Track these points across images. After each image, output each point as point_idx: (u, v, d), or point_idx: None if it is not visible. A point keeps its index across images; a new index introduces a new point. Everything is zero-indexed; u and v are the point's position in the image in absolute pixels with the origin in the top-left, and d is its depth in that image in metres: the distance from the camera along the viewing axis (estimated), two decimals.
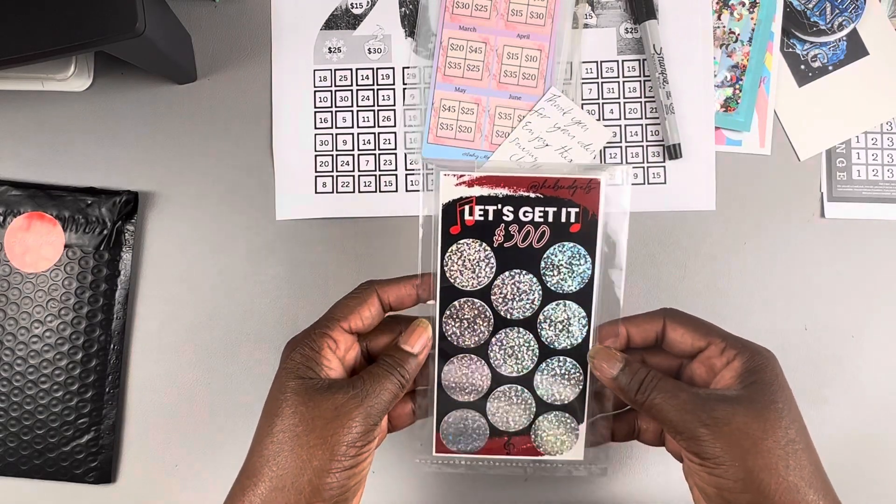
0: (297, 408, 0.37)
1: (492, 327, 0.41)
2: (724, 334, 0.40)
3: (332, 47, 0.54)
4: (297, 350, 0.39)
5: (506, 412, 0.42)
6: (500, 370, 0.41)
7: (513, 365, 0.41)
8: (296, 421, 0.36)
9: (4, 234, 0.52)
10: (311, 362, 0.38)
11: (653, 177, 0.53)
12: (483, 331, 0.41)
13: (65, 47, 0.40)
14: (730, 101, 0.53)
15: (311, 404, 0.37)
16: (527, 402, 0.41)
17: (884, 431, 0.53)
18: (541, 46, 0.53)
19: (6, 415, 0.52)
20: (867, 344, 0.53)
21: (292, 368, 0.38)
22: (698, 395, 0.37)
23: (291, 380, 0.38)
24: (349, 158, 0.54)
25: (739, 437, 0.35)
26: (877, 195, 0.54)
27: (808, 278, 0.53)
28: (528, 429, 0.42)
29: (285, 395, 0.37)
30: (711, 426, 0.35)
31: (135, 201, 0.53)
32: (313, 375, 0.38)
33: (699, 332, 0.40)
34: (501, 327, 0.41)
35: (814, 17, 0.53)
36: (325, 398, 0.37)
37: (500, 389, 0.41)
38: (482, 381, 0.41)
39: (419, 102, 0.54)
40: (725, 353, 0.39)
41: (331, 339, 0.39)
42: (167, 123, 0.54)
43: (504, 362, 0.41)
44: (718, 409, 0.36)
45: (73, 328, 0.52)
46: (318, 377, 0.38)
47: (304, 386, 0.37)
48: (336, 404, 0.37)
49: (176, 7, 0.51)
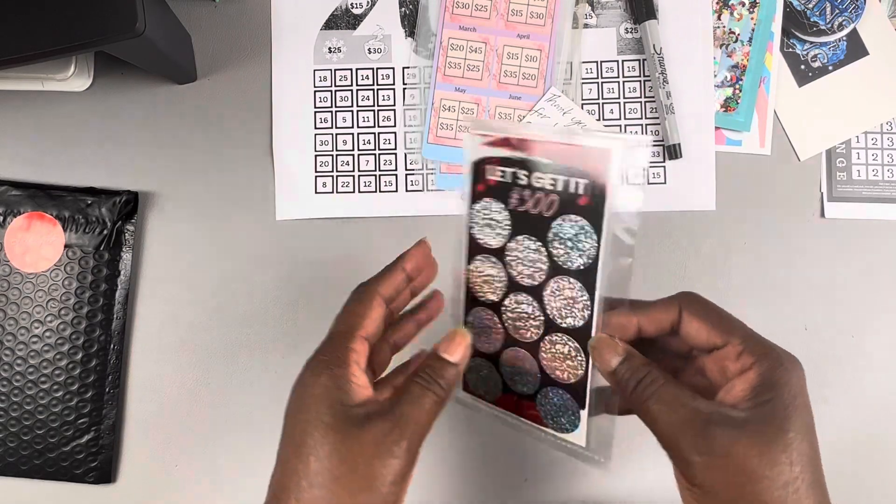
0: (335, 446, 0.33)
1: (505, 288, 0.40)
2: (746, 334, 0.35)
3: (332, 47, 0.54)
4: (324, 371, 0.35)
5: (513, 373, 0.42)
6: (511, 332, 0.41)
7: (521, 331, 0.41)
8: (335, 462, 0.32)
9: (4, 234, 0.52)
10: (343, 382, 0.34)
11: (653, 177, 0.53)
12: (498, 290, 0.41)
13: (65, 47, 0.40)
14: (730, 101, 0.53)
15: (350, 441, 0.33)
16: (532, 371, 0.41)
17: (884, 431, 0.53)
18: (541, 46, 0.53)
19: (6, 415, 0.52)
20: (867, 344, 0.53)
21: (323, 395, 0.34)
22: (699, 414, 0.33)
23: (324, 408, 0.33)
24: (349, 158, 0.54)
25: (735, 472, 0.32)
26: (877, 195, 0.54)
27: (808, 278, 0.53)
28: (532, 396, 0.41)
29: (319, 430, 0.33)
30: (706, 455, 0.32)
31: (135, 201, 0.53)
32: (347, 401, 0.34)
33: (717, 328, 0.36)
34: (512, 290, 0.40)
35: (814, 17, 0.53)
36: (364, 431, 0.33)
37: (510, 351, 0.41)
38: (497, 337, 0.41)
39: (419, 102, 0.54)
40: (742, 359, 0.35)
41: (356, 353, 0.36)
42: (167, 123, 0.54)
43: (514, 325, 0.41)
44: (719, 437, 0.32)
45: (73, 328, 0.52)
46: (353, 402, 0.34)
47: (340, 417, 0.33)
48: (376, 438, 0.33)
49: (176, 7, 0.51)
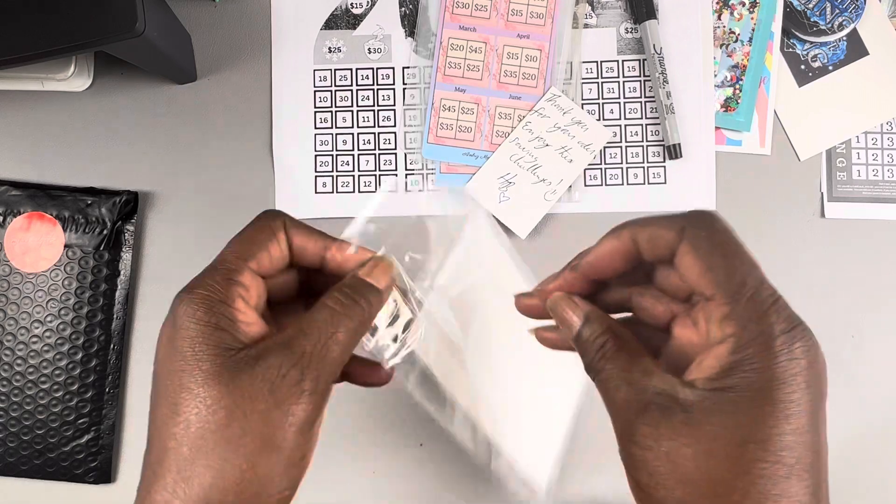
0: (219, 399, 0.26)
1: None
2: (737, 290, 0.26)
3: (332, 47, 0.54)
4: (200, 304, 0.28)
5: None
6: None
7: None
8: (222, 418, 0.26)
9: (4, 234, 0.52)
10: (224, 319, 0.28)
11: (653, 177, 0.53)
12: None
13: (65, 47, 0.40)
14: (730, 101, 0.53)
15: (238, 390, 0.26)
16: None
17: (884, 431, 0.53)
18: (541, 46, 0.53)
19: (6, 415, 0.52)
20: (867, 344, 0.53)
21: (199, 336, 0.27)
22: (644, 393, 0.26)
23: (203, 353, 0.27)
24: (349, 158, 0.54)
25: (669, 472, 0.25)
26: (877, 195, 0.54)
27: (808, 278, 0.53)
28: None
29: (197, 380, 0.26)
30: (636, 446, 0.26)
31: (135, 201, 0.53)
32: (231, 342, 0.27)
33: (711, 271, 0.27)
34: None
35: (814, 17, 0.53)
36: (254, 375, 0.26)
37: None
38: None
39: (419, 102, 0.54)
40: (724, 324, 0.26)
41: (241, 286, 0.29)
42: (167, 123, 0.54)
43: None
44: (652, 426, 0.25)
45: (73, 328, 0.52)
46: (240, 343, 0.28)
47: (223, 362, 0.27)
48: (272, 381, 0.27)
49: (176, 7, 0.51)
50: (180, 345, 0.27)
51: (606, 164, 0.53)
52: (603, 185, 0.53)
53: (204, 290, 0.29)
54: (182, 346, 0.27)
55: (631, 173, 0.53)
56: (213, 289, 0.29)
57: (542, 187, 0.52)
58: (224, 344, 0.27)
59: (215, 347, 0.27)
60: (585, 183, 0.53)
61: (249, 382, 0.26)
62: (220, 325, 0.28)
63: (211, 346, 0.27)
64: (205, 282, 0.29)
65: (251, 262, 0.30)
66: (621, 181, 0.53)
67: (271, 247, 0.31)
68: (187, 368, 0.27)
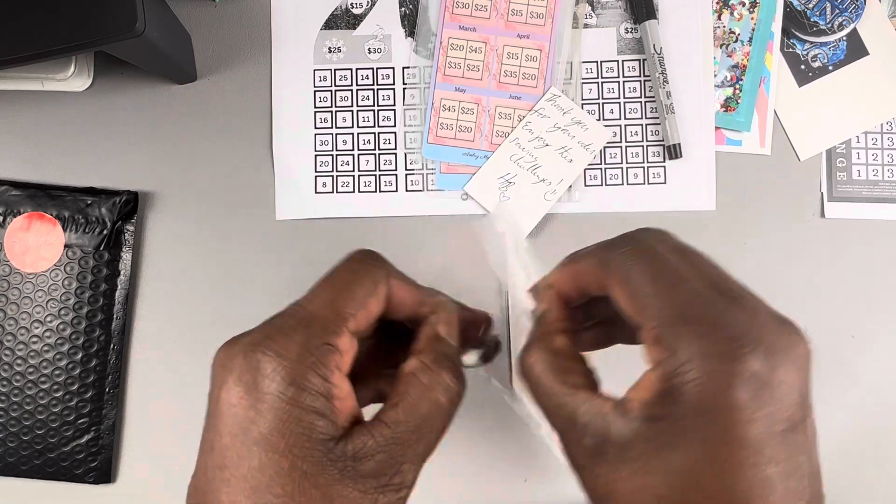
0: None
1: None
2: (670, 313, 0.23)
3: (332, 47, 0.54)
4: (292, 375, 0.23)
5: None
6: None
7: None
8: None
9: (4, 234, 0.52)
10: (319, 399, 0.23)
11: (653, 177, 0.53)
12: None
13: (65, 47, 0.40)
14: (730, 101, 0.53)
15: (339, 499, 0.22)
16: None
17: (884, 432, 0.53)
18: (541, 46, 0.53)
19: (6, 415, 0.52)
20: (867, 344, 0.53)
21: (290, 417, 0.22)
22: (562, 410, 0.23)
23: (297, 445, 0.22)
24: (349, 158, 0.54)
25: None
26: (877, 195, 0.54)
27: (808, 278, 0.53)
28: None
29: (294, 478, 0.22)
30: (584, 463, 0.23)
31: (135, 201, 0.53)
32: (329, 430, 0.23)
33: (635, 298, 0.24)
34: None
35: (814, 17, 0.53)
36: (359, 484, 0.23)
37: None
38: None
39: (419, 102, 0.54)
40: (656, 349, 0.23)
41: (338, 353, 0.24)
42: (167, 123, 0.54)
43: None
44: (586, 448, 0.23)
45: (73, 328, 0.52)
46: (336, 428, 0.23)
47: (320, 455, 0.22)
48: (375, 486, 0.23)
49: (176, 7, 0.51)
50: (266, 429, 0.22)
51: (606, 164, 0.53)
52: (603, 185, 0.53)
53: (294, 355, 0.23)
54: (269, 430, 0.22)
55: (631, 173, 0.53)
56: (308, 356, 0.23)
57: (542, 187, 0.52)
58: (323, 434, 0.23)
59: (313, 441, 0.22)
60: (585, 183, 0.53)
61: (351, 491, 0.22)
62: (318, 410, 0.23)
63: (308, 438, 0.22)
64: (294, 340, 0.23)
65: (350, 323, 0.25)
66: (621, 181, 0.53)
67: (371, 303, 0.26)
68: (281, 462, 0.22)
